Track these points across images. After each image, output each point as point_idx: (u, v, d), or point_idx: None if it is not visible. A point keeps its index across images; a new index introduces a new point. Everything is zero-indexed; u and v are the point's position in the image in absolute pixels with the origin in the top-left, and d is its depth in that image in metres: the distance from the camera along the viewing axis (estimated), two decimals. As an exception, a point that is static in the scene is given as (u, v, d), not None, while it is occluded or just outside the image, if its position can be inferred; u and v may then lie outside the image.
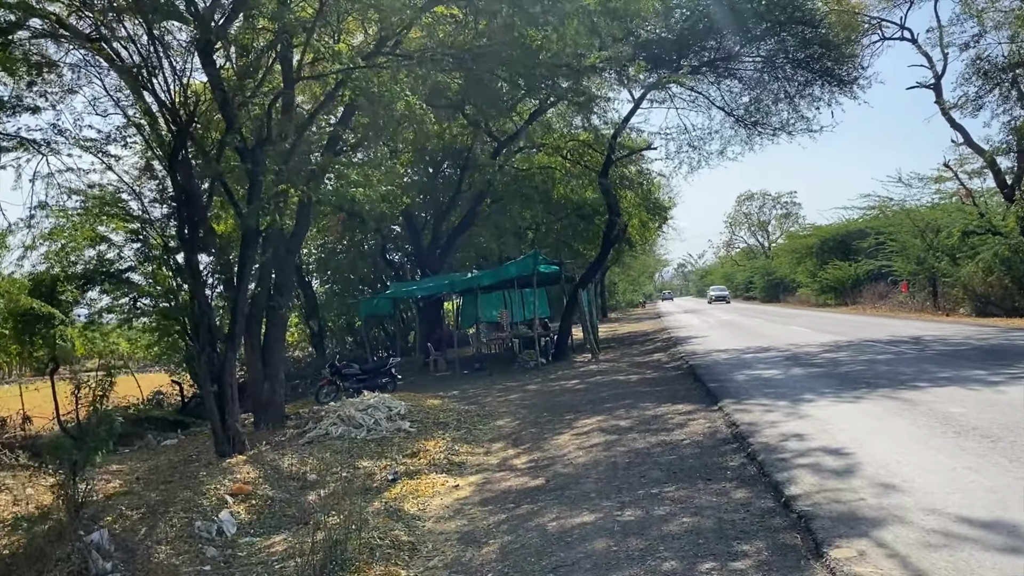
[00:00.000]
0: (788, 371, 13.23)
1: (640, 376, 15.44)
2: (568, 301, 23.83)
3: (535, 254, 20.87)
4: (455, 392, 17.48)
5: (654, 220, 30.49)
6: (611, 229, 22.87)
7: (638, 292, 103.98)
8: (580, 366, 20.10)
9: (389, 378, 18.95)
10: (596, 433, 9.35)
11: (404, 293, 23.40)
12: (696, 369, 14.87)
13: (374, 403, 13.53)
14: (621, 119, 23.23)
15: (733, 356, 16.95)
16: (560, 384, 16.04)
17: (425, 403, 14.86)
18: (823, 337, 19.64)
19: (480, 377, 21.04)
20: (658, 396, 12.04)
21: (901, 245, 33.49)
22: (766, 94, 22.08)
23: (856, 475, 6.07)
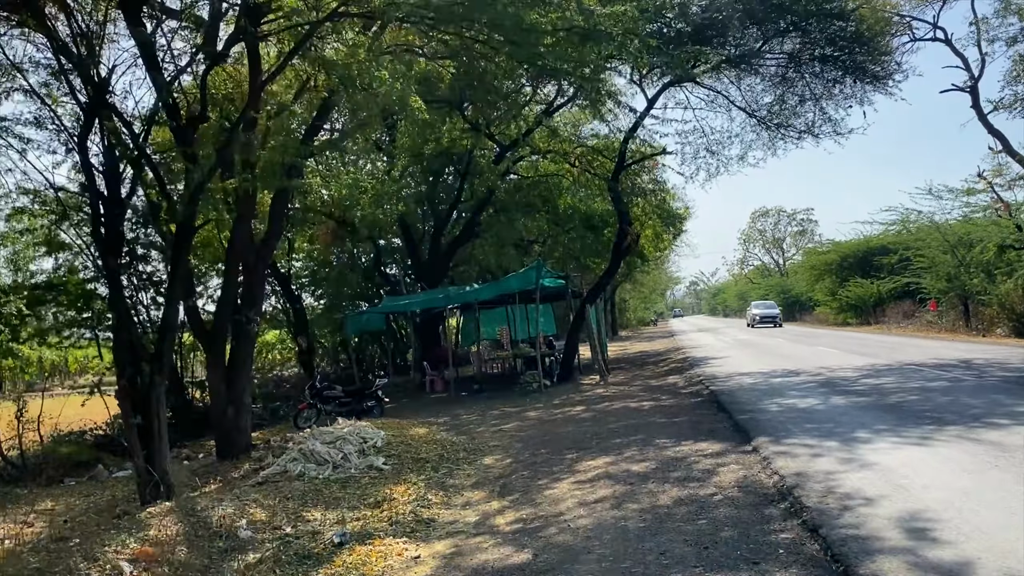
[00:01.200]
0: (828, 400, 11.33)
1: (654, 403, 13.57)
2: (574, 318, 22.00)
3: (538, 265, 19.10)
4: (447, 418, 15.69)
5: (668, 231, 28.64)
6: (621, 239, 21.08)
7: (649, 310, 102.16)
8: (587, 389, 18.24)
9: (375, 401, 17.19)
10: (603, 481, 7.50)
11: (397, 308, 21.63)
12: (719, 396, 13.01)
13: (347, 433, 11.73)
14: (634, 120, 21.47)
15: (759, 380, 15.07)
16: (564, 411, 14.20)
17: (409, 432, 13.05)
18: (856, 359, 17.71)
19: (478, 400, 19.25)
20: (677, 430, 10.18)
21: (930, 261, 31.48)
22: (791, 93, 20.31)
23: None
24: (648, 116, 20.95)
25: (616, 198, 20.76)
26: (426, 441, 11.94)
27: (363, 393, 17.11)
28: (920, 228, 34.79)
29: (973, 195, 31.41)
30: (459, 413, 16.55)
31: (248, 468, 10.79)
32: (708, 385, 15.05)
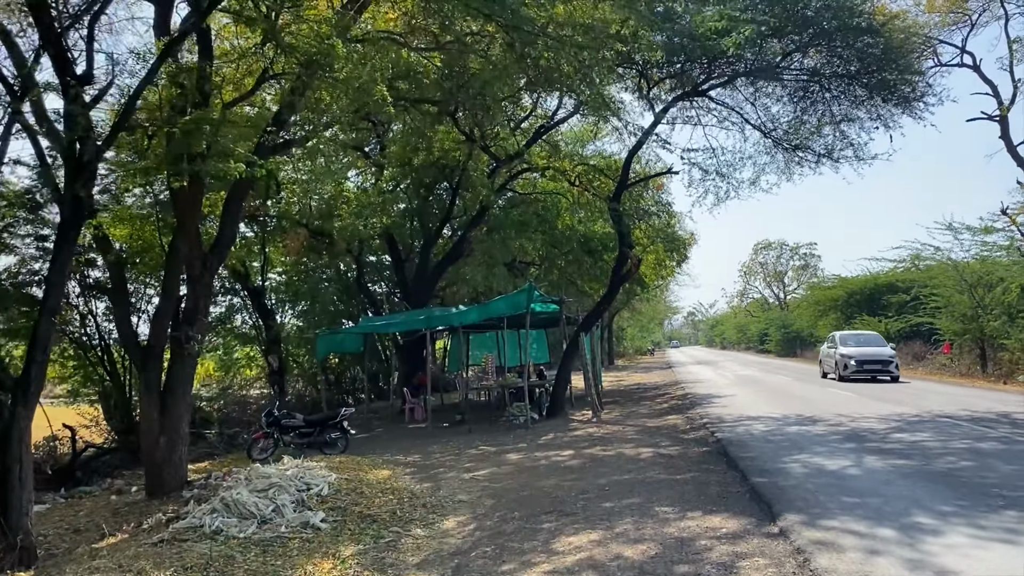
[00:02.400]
0: (861, 461, 9.53)
1: (653, 451, 11.75)
2: (567, 347, 20.22)
3: (529, 288, 17.36)
4: (417, 456, 13.89)
5: (671, 258, 26.94)
6: (621, 264, 19.38)
7: (647, 339, 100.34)
8: (578, 427, 16.42)
9: (340, 432, 15.39)
10: (586, 575, 5.70)
11: (374, 328, 19.83)
12: (728, 446, 11.22)
13: (290, 477, 9.95)
14: (640, 136, 19.86)
15: (772, 428, 13.27)
16: (548, 455, 12.37)
17: (367, 476, 11.25)
18: (878, 406, 15.91)
19: (458, 434, 17.45)
20: (681, 492, 8.38)
21: (946, 301, 29.76)
22: (811, 112, 18.72)
23: None
24: (655, 133, 19.41)
25: (617, 219, 19.09)
26: (383, 489, 10.12)
27: (326, 423, 15.28)
28: (934, 266, 33.16)
29: (991, 233, 29.79)
30: (433, 450, 14.74)
31: (160, 517, 8.96)
32: (713, 431, 13.25)
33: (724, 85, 18.78)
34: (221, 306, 23.06)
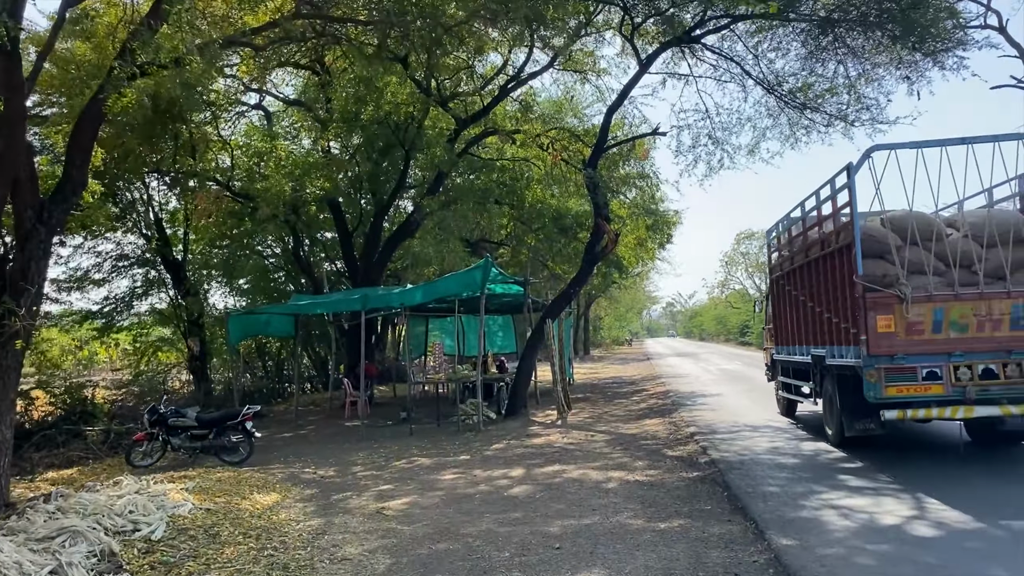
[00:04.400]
0: (922, 507, 6.73)
1: (628, 476, 8.89)
2: (531, 336, 17.34)
3: (486, 264, 14.46)
4: (333, 469, 11.02)
5: (654, 239, 24.08)
6: (596, 238, 16.49)
7: (625, 328, 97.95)
8: (537, 432, 13.58)
9: (243, 435, 12.40)
10: None
11: (298, 308, 16.78)
12: (727, 474, 8.37)
13: (115, 509, 7.01)
14: (621, 91, 16.95)
15: (780, 443, 10.46)
16: (493, 475, 9.49)
17: (243, 503, 8.36)
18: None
19: (396, 436, 14.67)
20: (666, 559, 5.55)
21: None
22: (822, 66, 15.87)
23: None
24: (640, 87, 16.51)
25: (592, 186, 16.16)
26: (249, 530, 7.21)
27: (224, 424, 12.29)
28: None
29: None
30: (356, 459, 11.87)
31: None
32: (705, 445, 10.43)
33: (721, 31, 15.88)
34: (130, 278, 19.94)
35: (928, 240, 8.73)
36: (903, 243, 8.69)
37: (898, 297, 8.34)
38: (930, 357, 8.29)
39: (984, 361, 8.26)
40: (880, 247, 8.82)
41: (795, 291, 11.76)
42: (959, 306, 8.37)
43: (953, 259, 8.54)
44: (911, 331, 8.34)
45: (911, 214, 8.90)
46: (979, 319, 8.35)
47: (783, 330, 12.89)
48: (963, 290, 8.42)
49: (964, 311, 8.36)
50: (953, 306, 8.36)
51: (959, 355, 8.28)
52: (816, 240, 10.63)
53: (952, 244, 8.74)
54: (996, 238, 8.51)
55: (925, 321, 8.36)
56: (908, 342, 8.32)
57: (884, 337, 8.32)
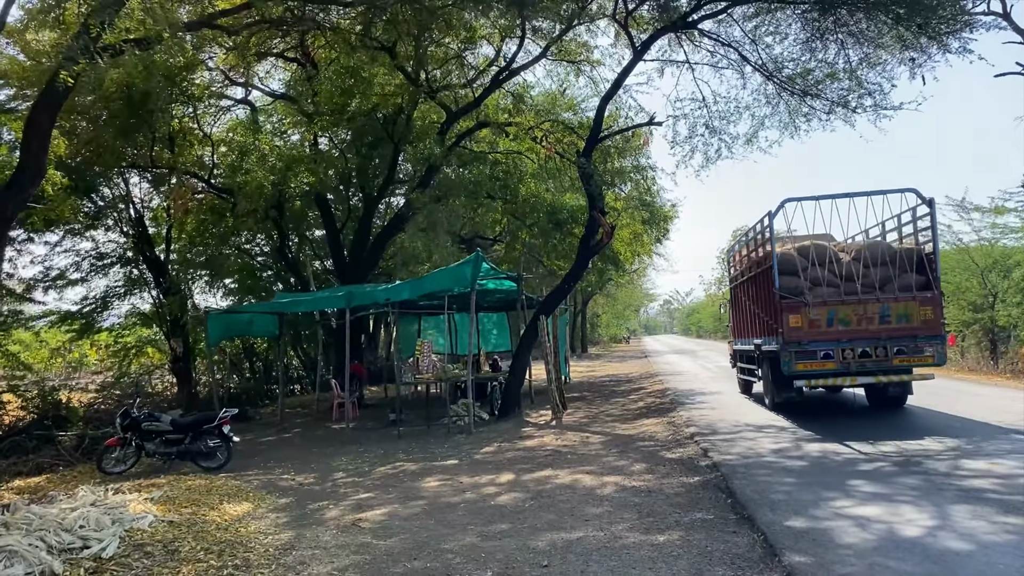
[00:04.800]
0: (946, 515, 6.07)
1: (624, 481, 8.30)
2: (524, 333, 16.75)
3: (476, 259, 13.86)
4: (312, 476, 10.46)
5: (649, 232, 23.49)
6: (591, 232, 15.90)
7: (622, 326, 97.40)
8: (531, 434, 13.00)
9: (221, 440, 11.82)
10: None
11: (279, 307, 16.15)
12: (732, 479, 7.78)
13: (65, 523, 6.43)
14: (616, 78, 16.38)
15: (785, 444, 9.86)
16: (480, 481, 8.90)
17: (210, 515, 7.79)
18: (905, 413, 12.64)
19: (385, 438, 14.10)
20: (667, 577, 4.98)
21: (955, 287, 26.67)
22: (823, 51, 15.31)
23: None
24: (636, 75, 15.93)
25: (586, 177, 15.58)
26: (212, 544, 6.65)
27: (201, 428, 11.69)
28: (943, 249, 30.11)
29: (1003, 214, 26.66)
30: (339, 464, 11.31)
31: None
32: (705, 447, 9.84)
33: (718, 15, 15.32)
34: (110, 277, 19.29)
35: (824, 263, 12.35)
36: (808, 265, 12.46)
37: (803, 303, 11.94)
38: (825, 343, 11.85)
39: (862, 346, 11.85)
40: (791, 267, 12.44)
41: (744, 297, 15.62)
42: (845, 308, 11.94)
43: (842, 276, 12.25)
44: (812, 326, 11.91)
45: (812, 245, 12.69)
46: (858, 317, 11.92)
47: (737, 327, 16.90)
48: (848, 297, 11.97)
49: (848, 312, 11.93)
50: (841, 308, 11.93)
51: (845, 342, 11.84)
52: (753, 261, 14.50)
53: (841, 265, 12.39)
54: (870, 261, 12.22)
55: (822, 319, 11.93)
56: (810, 333, 11.87)
57: (794, 330, 11.91)
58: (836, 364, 11.77)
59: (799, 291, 12.07)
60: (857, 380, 11.91)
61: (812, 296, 11.98)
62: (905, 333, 11.84)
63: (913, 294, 11.91)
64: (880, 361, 11.80)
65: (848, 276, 12.20)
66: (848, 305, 11.86)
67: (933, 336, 11.87)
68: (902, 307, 11.87)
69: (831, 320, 11.90)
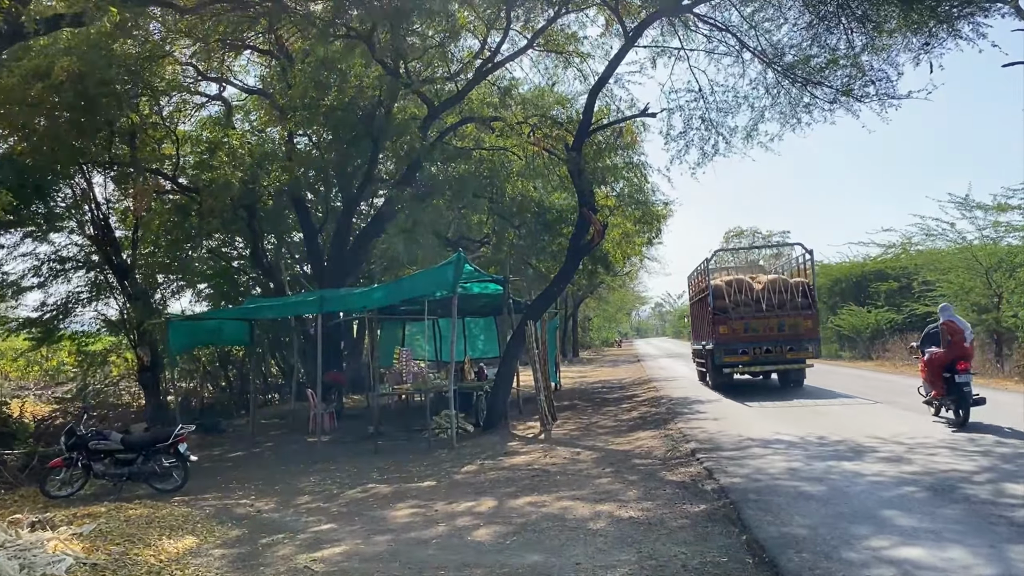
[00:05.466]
0: (1007, 560, 5.10)
1: (617, 509, 7.30)
2: (511, 339, 15.76)
3: (458, 260, 12.84)
4: (275, 499, 9.41)
5: (642, 232, 22.51)
6: (581, 230, 14.93)
7: (614, 329, 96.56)
8: (516, 449, 12.00)
9: (176, 460, 10.78)
10: None
11: (244, 313, 15.09)
12: (744, 508, 6.77)
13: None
14: (607, 66, 15.41)
15: (798, 463, 8.85)
16: (457, 509, 7.88)
17: (143, 554, 6.81)
18: (919, 422, 11.65)
19: (360, 454, 13.14)
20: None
21: (959, 287, 25.79)
22: (825, 36, 14.40)
23: None
24: (628, 63, 14.95)
25: (576, 172, 14.61)
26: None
27: (154, 447, 10.64)
28: (941, 249, 29.27)
29: (1006, 211, 25.80)
30: (303, 488, 10.27)
31: None
32: (710, 467, 8.82)
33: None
34: (72, 282, 18.20)
35: (742, 291, 18.12)
36: (732, 292, 18.10)
37: (728, 317, 17.51)
38: (743, 343, 17.53)
39: (766, 345, 17.51)
40: (721, 294, 18.09)
41: (695, 312, 22.28)
42: (755, 321, 17.57)
43: (754, 300, 18.00)
44: (734, 332, 17.53)
45: (735, 279, 18.81)
46: (764, 327, 17.58)
47: (693, 332, 24.09)
48: (757, 314, 17.63)
49: (757, 323, 17.56)
50: (752, 321, 17.55)
51: (755, 343, 17.50)
52: (700, 288, 20.68)
53: (754, 292, 18.13)
54: (773, 290, 17.95)
55: (740, 328, 17.54)
56: (733, 337, 17.56)
57: (723, 335, 17.62)
58: (750, 357, 17.78)
59: (726, 310, 17.99)
60: (766, 368, 18.66)
61: (734, 313, 17.90)
62: (794, 337, 17.69)
63: (800, 312, 17.81)
64: (778, 355, 17.68)
65: (758, 300, 18.10)
66: (757, 319, 17.74)
67: (812, 338, 17.94)
68: (792, 320, 17.73)
69: (746, 329, 17.72)
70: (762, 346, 17.63)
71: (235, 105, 21.11)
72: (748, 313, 17.84)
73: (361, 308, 13.55)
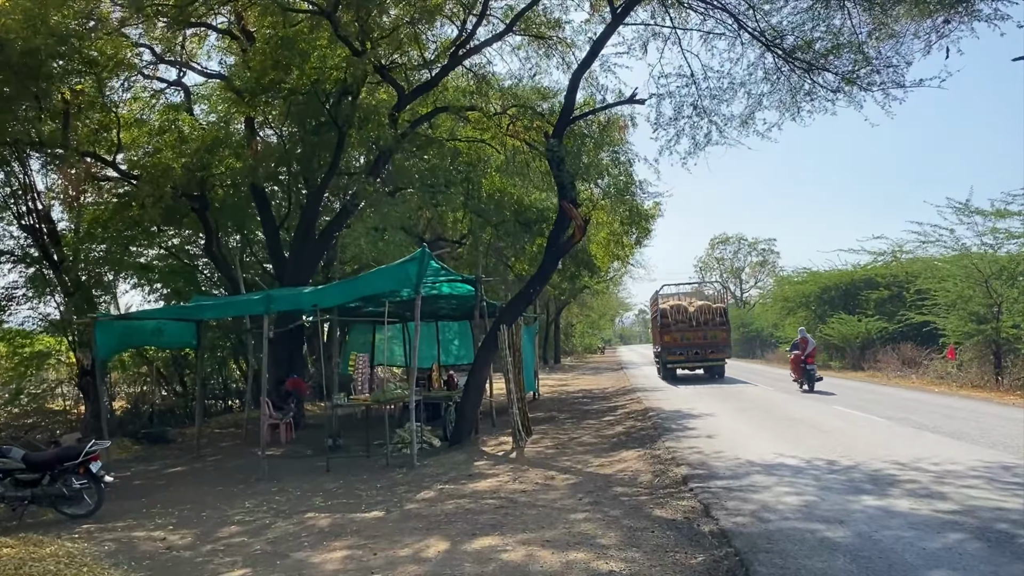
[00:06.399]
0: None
1: (594, 560, 5.86)
2: (482, 346, 14.35)
3: (422, 256, 11.43)
4: (192, 534, 7.95)
5: (630, 233, 21.18)
6: (561, 225, 13.57)
7: (597, 336, 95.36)
8: (484, 469, 10.59)
9: (88, 480, 9.30)
10: None
11: (182, 312, 13.58)
12: (753, 564, 5.39)
13: None
14: (591, 47, 14.08)
15: (811, 497, 7.46)
16: (399, 554, 6.43)
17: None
18: (938, 443, 10.38)
19: (310, 471, 11.82)
20: None
21: (957, 296, 24.65)
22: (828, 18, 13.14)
23: None
24: (614, 45, 13.63)
25: (556, 161, 13.25)
26: None
27: (61, 466, 9.15)
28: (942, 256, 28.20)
29: (1005, 218, 24.69)
30: (232, 516, 8.78)
31: None
32: (708, 505, 7.41)
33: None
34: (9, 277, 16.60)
35: (680, 312, 27.37)
36: (673, 312, 27.45)
37: (670, 331, 26.90)
38: (680, 348, 26.73)
39: (696, 350, 26.64)
40: (665, 314, 27.47)
41: (653, 326, 30.58)
42: (688, 333, 26.86)
43: (688, 319, 27.14)
44: (674, 341, 26.85)
45: (675, 304, 28.36)
46: (694, 337, 26.79)
47: (655, 340, 31.64)
48: (689, 330, 26.90)
49: (690, 335, 26.82)
50: (686, 333, 26.81)
51: (688, 348, 26.61)
52: (654, 309, 29.94)
53: (688, 313, 27.32)
54: (701, 312, 27.28)
55: (679, 338, 26.86)
56: (673, 344, 26.84)
57: (666, 343, 27.07)
58: (685, 357, 26.75)
59: (669, 325, 27.01)
60: (697, 368, 27.76)
61: (674, 328, 26.95)
62: (713, 344, 26.67)
63: (718, 327, 26.84)
64: (703, 356, 26.61)
65: (690, 319, 26.98)
66: (690, 332, 26.70)
67: (725, 345, 27.27)
68: (712, 333, 26.70)
69: (682, 339, 26.68)
70: (693, 350, 26.87)
71: (200, 95, 19.62)
72: (684, 328, 27.22)
73: (311, 307, 12.08)
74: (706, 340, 26.47)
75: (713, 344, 26.47)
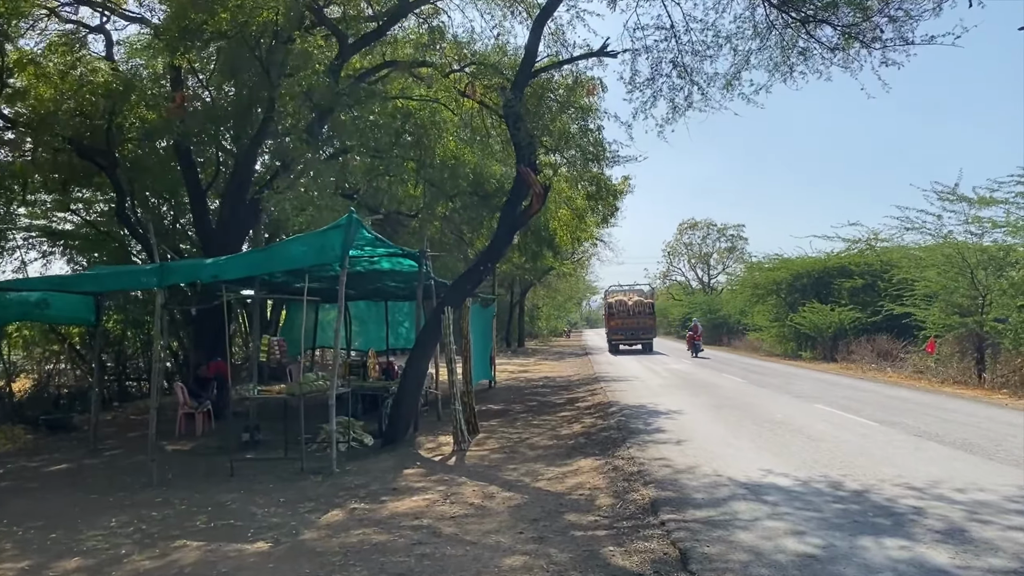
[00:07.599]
0: None
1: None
2: (422, 332, 12.49)
3: (348, 222, 9.50)
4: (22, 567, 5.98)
5: (595, 210, 19.38)
6: (518, 194, 11.75)
7: (563, 319, 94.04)
8: (411, 485, 8.76)
9: None
10: None
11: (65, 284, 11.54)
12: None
13: None
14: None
15: (813, 538, 5.79)
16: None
17: None
18: (950, 458, 8.83)
19: (214, 473, 9.90)
20: None
21: (940, 287, 23.36)
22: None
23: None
24: None
25: (514, 118, 11.39)
26: None
27: None
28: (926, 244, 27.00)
29: (989, 206, 23.37)
30: (85, 540, 6.87)
31: None
32: (685, 547, 5.67)
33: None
34: None
35: (622, 305, 41.99)
36: (616, 305, 42.13)
37: (611, 318, 42.31)
38: (621, 330, 41.51)
39: (632, 332, 41.35)
40: (611, 307, 42.65)
41: (606, 314, 44.81)
42: (627, 320, 41.34)
43: (626, 310, 41.74)
44: (616, 325, 41.66)
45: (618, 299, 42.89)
46: (631, 324, 41.34)
47: (605, 325, 45.90)
48: (627, 318, 41.33)
49: (628, 322, 41.31)
50: (625, 320, 41.39)
51: (626, 331, 41.41)
52: (606, 303, 45.94)
53: (627, 306, 41.81)
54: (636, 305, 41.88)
55: (620, 324, 41.48)
56: (615, 328, 41.77)
57: (612, 327, 42.33)
58: (624, 337, 40.94)
59: (613, 314, 41.64)
60: (631, 342, 41.07)
61: (617, 316, 41.07)
62: (643, 328, 40.85)
63: (647, 317, 41.21)
64: (637, 337, 40.79)
65: (628, 310, 41.08)
66: (628, 319, 40.83)
67: (652, 328, 41.85)
68: (644, 321, 40.86)
69: (623, 324, 40.97)
70: (630, 332, 40.45)
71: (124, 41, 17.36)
72: (623, 316, 40.68)
73: (211, 279, 10.16)
74: (639, 325, 40.55)
75: (644, 328, 40.75)
